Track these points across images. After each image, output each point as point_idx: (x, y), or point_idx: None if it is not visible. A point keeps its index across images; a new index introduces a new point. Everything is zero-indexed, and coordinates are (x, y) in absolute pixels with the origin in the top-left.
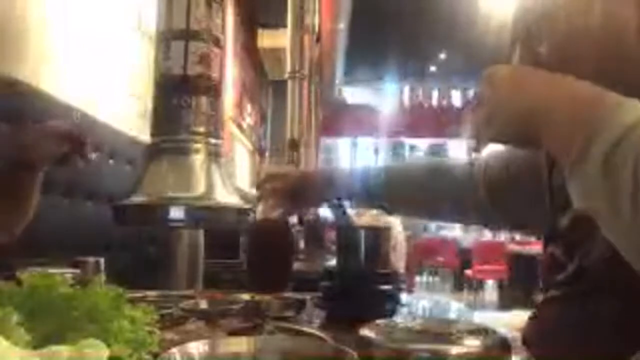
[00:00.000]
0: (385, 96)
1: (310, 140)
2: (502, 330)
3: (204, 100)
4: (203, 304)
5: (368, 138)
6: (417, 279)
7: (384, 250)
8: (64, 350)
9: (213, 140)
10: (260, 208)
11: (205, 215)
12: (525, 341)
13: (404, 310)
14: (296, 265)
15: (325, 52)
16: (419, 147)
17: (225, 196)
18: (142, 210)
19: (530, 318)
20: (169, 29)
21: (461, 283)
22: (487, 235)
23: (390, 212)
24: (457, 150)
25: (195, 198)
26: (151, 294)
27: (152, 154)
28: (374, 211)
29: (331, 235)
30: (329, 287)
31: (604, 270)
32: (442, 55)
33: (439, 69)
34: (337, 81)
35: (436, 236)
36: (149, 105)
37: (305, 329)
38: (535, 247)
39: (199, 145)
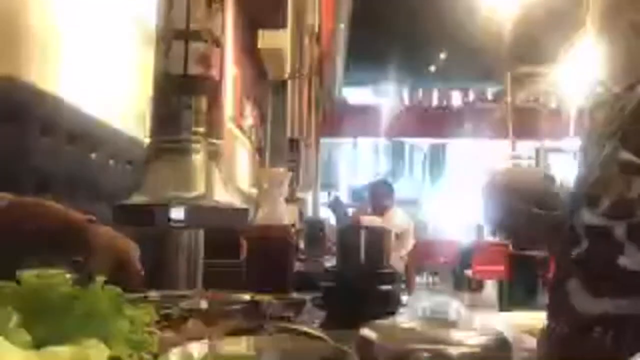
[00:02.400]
0: (385, 96)
1: (310, 140)
2: (502, 330)
3: (204, 100)
4: (203, 304)
5: (368, 138)
6: (417, 279)
7: (384, 250)
8: (64, 350)
9: (213, 140)
10: (261, 212)
11: (205, 215)
12: (540, 347)
13: (404, 310)
14: (297, 266)
15: (325, 52)
16: (419, 147)
17: (225, 196)
18: (142, 210)
19: (554, 330)
20: (169, 29)
21: (461, 283)
22: (487, 235)
23: None
24: (457, 150)
25: (195, 198)
26: (151, 294)
27: (152, 154)
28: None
29: (331, 235)
30: (329, 287)
31: None
32: (442, 55)
33: (439, 69)
34: (337, 81)
35: (436, 236)
36: (149, 105)
37: (305, 329)
38: None
39: (199, 145)
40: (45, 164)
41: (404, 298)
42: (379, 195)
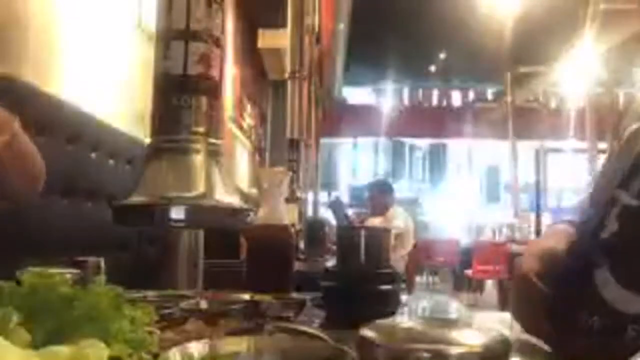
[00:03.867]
0: (385, 96)
1: (310, 140)
2: (502, 330)
3: (204, 100)
4: (203, 304)
5: (368, 138)
6: (417, 279)
7: (384, 250)
8: (64, 350)
9: (213, 140)
10: (261, 212)
11: (205, 215)
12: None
13: (404, 310)
14: (297, 265)
15: (325, 52)
16: (419, 147)
17: (225, 196)
18: (142, 210)
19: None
20: (168, 28)
21: (461, 283)
22: (487, 235)
23: None
24: (457, 150)
25: (195, 198)
26: (151, 294)
27: (152, 154)
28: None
29: (331, 235)
30: (329, 287)
31: None
32: (442, 55)
33: (439, 69)
34: (337, 81)
35: (436, 236)
36: (149, 105)
37: (305, 329)
38: None
39: (199, 145)
40: (45, 163)
41: (404, 298)
42: (379, 195)
